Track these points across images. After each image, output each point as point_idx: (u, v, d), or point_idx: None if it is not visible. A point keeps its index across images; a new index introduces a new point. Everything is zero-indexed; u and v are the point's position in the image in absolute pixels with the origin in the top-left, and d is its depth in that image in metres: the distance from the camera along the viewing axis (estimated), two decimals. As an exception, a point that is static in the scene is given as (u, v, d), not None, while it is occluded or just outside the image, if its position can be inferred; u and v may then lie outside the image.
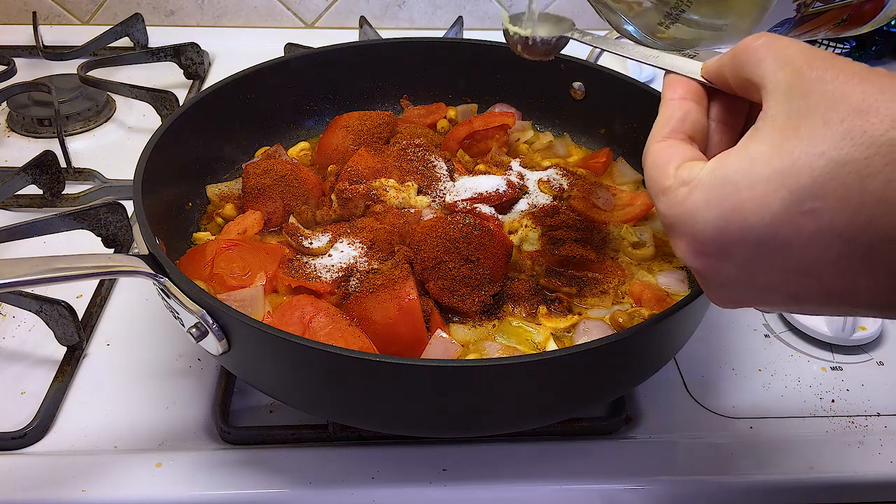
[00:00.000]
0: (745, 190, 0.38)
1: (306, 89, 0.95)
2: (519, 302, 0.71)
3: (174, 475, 0.64)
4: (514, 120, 0.92)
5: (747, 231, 0.38)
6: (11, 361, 0.74)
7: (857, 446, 0.69)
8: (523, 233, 0.78)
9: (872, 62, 1.47)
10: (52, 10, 1.42)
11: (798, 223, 0.36)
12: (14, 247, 0.83)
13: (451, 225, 0.71)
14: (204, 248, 0.72)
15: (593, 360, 0.57)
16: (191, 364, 0.74)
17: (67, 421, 0.69)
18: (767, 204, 0.37)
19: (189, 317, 0.58)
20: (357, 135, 0.88)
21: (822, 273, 0.37)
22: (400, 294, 0.66)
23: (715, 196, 0.39)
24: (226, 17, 1.45)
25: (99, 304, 0.81)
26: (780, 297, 0.40)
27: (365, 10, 1.43)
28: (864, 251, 0.36)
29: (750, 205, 0.37)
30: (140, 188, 0.67)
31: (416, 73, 0.99)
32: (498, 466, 0.66)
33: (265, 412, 0.70)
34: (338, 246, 0.74)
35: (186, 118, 0.79)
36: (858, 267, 0.36)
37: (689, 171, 0.41)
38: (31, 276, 0.54)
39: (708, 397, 0.74)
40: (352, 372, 0.55)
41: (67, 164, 1.00)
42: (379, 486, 0.64)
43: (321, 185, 0.83)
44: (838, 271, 0.37)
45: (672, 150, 0.44)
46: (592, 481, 0.65)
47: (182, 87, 1.23)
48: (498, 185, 0.80)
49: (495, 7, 1.46)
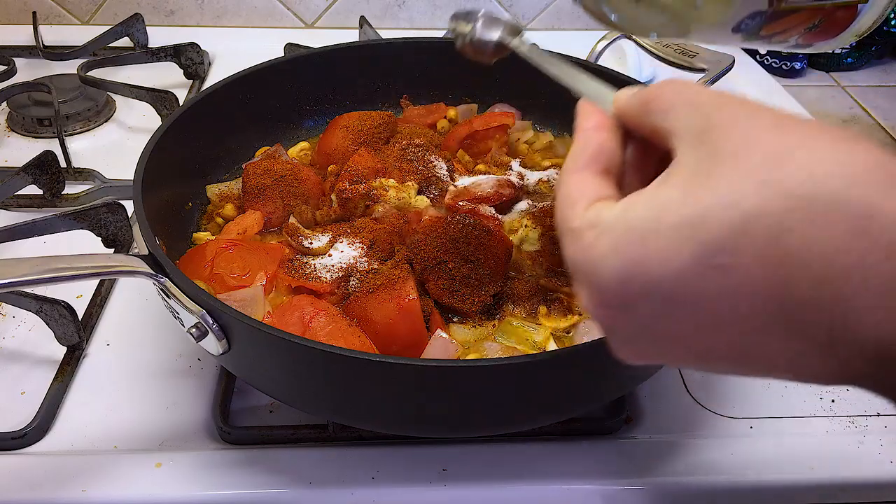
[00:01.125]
0: (651, 240, 0.34)
1: (306, 89, 0.95)
2: (519, 302, 0.71)
3: (174, 475, 0.64)
4: (514, 120, 0.92)
5: (652, 284, 0.35)
6: (11, 361, 0.74)
7: (857, 446, 0.69)
8: (523, 233, 0.78)
9: (873, 62, 1.47)
10: (52, 10, 1.42)
11: (708, 278, 0.33)
12: (14, 247, 0.83)
13: (451, 225, 0.72)
14: (204, 248, 0.72)
15: (593, 360, 0.57)
16: (191, 364, 0.74)
17: (67, 421, 0.69)
18: (675, 256, 0.33)
19: (189, 317, 0.58)
20: (357, 135, 0.88)
21: (733, 333, 0.34)
22: (400, 294, 0.66)
23: (621, 244, 0.36)
24: (226, 17, 1.45)
25: (99, 304, 0.81)
26: (688, 354, 0.37)
27: (365, 10, 1.43)
28: (779, 312, 0.32)
29: (656, 256, 0.34)
30: (140, 188, 0.67)
31: (416, 73, 0.99)
32: (498, 466, 0.66)
33: (265, 412, 0.70)
34: (338, 246, 0.74)
35: (186, 118, 0.79)
36: (773, 328, 0.33)
37: (598, 214, 0.38)
38: (31, 276, 0.54)
39: (708, 397, 0.74)
40: (352, 372, 0.55)
41: (67, 164, 1.00)
42: (379, 486, 0.64)
43: (321, 185, 0.83)
44: (751, 331, 0.33)
45: (584, 185, 0.40)
46: (592, 481, 0.65)
47: (182, 87, 1.23)
48: (498, 185, 0.80)
49: (495, 7, 1.46)
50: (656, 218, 0.35)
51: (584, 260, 0.37)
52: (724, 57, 0.87)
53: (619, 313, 0.37)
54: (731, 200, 0.32)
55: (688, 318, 0.35)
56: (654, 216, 0.35)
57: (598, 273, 0.37)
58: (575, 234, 0.38)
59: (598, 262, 0.36)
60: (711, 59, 0.87)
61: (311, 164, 0.90)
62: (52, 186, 0.94)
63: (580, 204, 0.39)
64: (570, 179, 0.41)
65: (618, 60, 1.26)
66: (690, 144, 0.36)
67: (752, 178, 0.32)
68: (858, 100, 1.37)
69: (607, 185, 0.41)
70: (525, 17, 1.47)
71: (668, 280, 0.34)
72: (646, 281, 0.35)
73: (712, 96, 0.37)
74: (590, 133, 0.43)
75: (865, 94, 1.38)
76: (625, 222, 0.36)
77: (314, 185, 0.82)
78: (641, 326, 0.37)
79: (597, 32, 1.00)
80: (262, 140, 0.92)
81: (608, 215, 0.37)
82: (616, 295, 0.36)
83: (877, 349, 0.31)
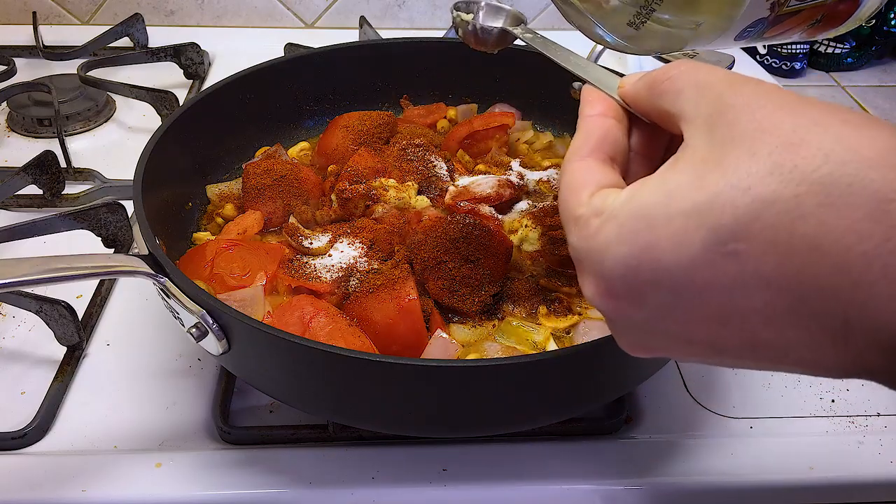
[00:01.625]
0: (660, 226, 0.33)
1: (306, 89, 0.95)
2: (519, 302, 0.71)
3: (174, 475, 0.64)
4: (514, 120, 0.92)
5: (661, 272, 0.33)
6: (11, 361, 0.74)
7: (857, 446, 0.69)
8: (523, 233, 0.78)
9: (873, 62, 1.47)
10: (52, 10, 1.42)
11: (719, 266, 0.32)
12: (14, 247, 0.83)
13: (451, 225, 0.72)
14: (204, 248, 0.72)
15: (593, 360, 0.57)
16: (191, 364, 0.74)
17: (67, 421, 0.69)
18: (685, 243, 0.32)
19: (189, 317, 0.58)
20: (357, 135, 0.88)
21: (744, 322, 0.33)
22: (400, 294, 0.66)
23: (627, 231, 0.34)
24: (226, 17, 1.45)
25: (99, 304, 0.81)
26: (697, 347, 0.36)
27: (365, 10, 1.43)
28: (792, 301, 0.31)
29: (665, 243, 0.33)
30: (140, 188, 0.67)
31: (416, 73, 0.99)
32: (498, 466, 0.66)
33: (265, 412, 0.70)
34: (338, 246, 0.74)
35: (186, 118, 0.79)
36: (786, 317, 0.32)
37: (604, 200, 0.37)
38: (31, 276, 0.54)
39: (708, 397, 0.74)
40: (352, 372, 0.55)
41: (67, 164, 1.00)
42: (379, 486, 0.64)
43: (321, 185, 0.83)
44: (763, 321, 0.32)
45: (589, 172, 0.39)
46: (592, 481, 0.65)
47: (182, 87, 1.23)
48: (498, 185, 0.80)
49: (495, 7, 1.45)
50: (665, 203, 0.33)
51: (588, 248, 0.36)
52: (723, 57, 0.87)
53: (625, 303, 0.36)
54: (744, 185, 0.31)
55: (698, 309, 0.34)
56: (662, 202, 0.33)
57: (604, 261, 0.35)
58: (579, 221, 0.37)
59: (604, 249, 0.35)
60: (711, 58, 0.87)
61: (311, 164, 0.90)
62: (52, 186, 0.94)
63: (584, 191, 0.38)
64: (574, 167, 0.40)
65: (618, 60, 1.26)
66: (701, 128, 0.35)
67: (765, 162, 0.31)
68: (858, 100, 1.37)
69: (612, 172, 0.40)
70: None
71: (679, 268, 0.33)
72: (655, 269, 0.33)
73: (723, 77, 0.36)
74: (594, 119, 0.42)
75: (865, 94, 1.38)
76: (632, 208, 0.35)
77: (314, 185, 0.82)
78: (649, 317, 0.36)
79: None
80: (262, 140, 0.92)
81: (614, 202, 0.36)
82: (623, 283, 0.35)
83: (894, 339, 0.30)
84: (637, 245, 0.34)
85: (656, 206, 0.34)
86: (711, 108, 0.35)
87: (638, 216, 0.34)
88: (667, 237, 0.33)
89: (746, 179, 0.31)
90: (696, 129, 0.35)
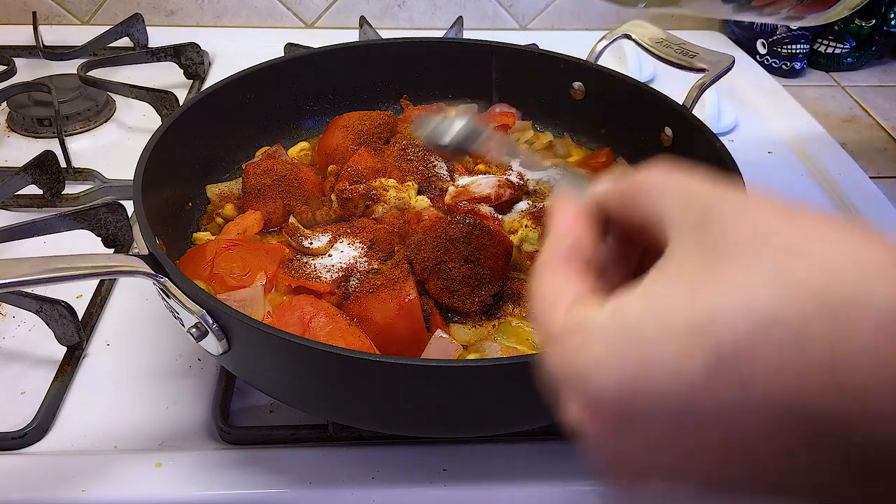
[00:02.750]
0: (656, 347, 0.30)
1: (306, 89, 0.95)
2: (519, 302, 0.71)
3: (174, 475, 0.64)
4: (514, 120, 0.92)
5: (657, 398, 0.30)
6: (11, 361, 0.74)
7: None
8: (523, 233, 0.78)
9: (873, 62, 1.47)
10: (52, 10, 1.42)
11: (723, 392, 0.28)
12: (14, 247, 0.83)
13: (451, 225, 0.72)
14: (204, 248, 0.72)
15: (593, 360, 0.57)
16: (191, 364, 0.74)
17: (67, 421, 0.69)
18: (685, 367, 0.29)
19: (189, 317, 0.58)
20: (357, 135, 0.88)
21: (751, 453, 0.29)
22: (400, 294, 0.66)
23: (617, 351, 0.31)
24: (226, 17, 1.45)
25: (99, 304, 0.81)
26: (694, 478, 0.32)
27: (365, 10, 1.43)
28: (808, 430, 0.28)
29: (662, 367, 0.29)
30: (140, 188, 0.67)
31: (416, 73, 0.99)
32: (498, 466, 0.66)
33: (265, 412, 0.70)
34: (338, 246, 0.74)
35: (186, 118, 0.79)
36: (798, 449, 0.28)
37: (583, 315, 0.33)
38: (31, 276, 0.54)
39: (708, 397, 0.73)
40: (352, 372, 0.55)
41: (67, 164, 1.00)
42: (379, 486, 0.64)
43: (321, 185, 0.83)
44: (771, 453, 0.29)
45: (563, 284, 0.36)
46: (592, 481, 0.65)
47: (182, 87, 1.23)
48: (498, 185, 0.80)
49: (495, 7, 1.46)
50: (658, 320, 0.30)
51: (571, 369, 0.33)
52: (724, 57, 0.87)
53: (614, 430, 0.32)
54: (745, 302, 0.28)
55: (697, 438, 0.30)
56: (655, 318, 0.30)
57: (590, 383, 0.32)
58: (557, 340, 0.34)
59: (589, 370, 0.32)
60: (711, 59, 0.87)
61: (311, 164, 0.90)
62: (52, 186, 0.94)
63: (560, 306, 0.35)
64: (547, 278, 0.37)
65: (618, 60, 1.26)
66: (689, 234, 0.32)
67: (765, 275, 0.28)
68: (858, 100, 1.37)
69: (588, 280, 0.37)
70: (525, 18, 1.47)
71: (675, 395, 0.29)
72: (649, 394, 0.30)
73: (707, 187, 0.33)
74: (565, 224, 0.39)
75: (865, 94, 1.38)
76: (619, 326, 0.32)
77: (314, 185, 0.82)
78: (640, 445, 0.32)
79: (597, 32, 1.00)
80: (262, 140, 0.92)
81: (596, 318, 0.33)
82: (613, 408, 0.31)
83: None
84: (627, 367, 0.31)
85: (648, 324, 0.30)
86: (699, 215, 0.32)
87: (628, 335, 0.31)
88: (664, 361, 0.30)
89: (747, 295, 0.28)
90: (683, 235, 0.32)
